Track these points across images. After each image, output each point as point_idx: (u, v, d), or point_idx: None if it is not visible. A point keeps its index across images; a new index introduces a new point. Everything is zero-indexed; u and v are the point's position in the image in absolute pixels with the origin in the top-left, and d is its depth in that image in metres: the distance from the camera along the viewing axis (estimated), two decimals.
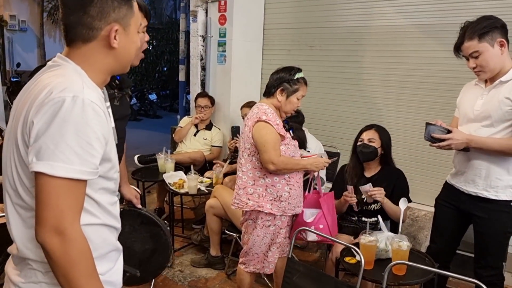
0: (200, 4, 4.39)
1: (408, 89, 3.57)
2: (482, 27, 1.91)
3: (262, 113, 2.20)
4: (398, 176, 2.56)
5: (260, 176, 2.23)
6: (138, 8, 1.56)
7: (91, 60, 1.05)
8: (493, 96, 1.97)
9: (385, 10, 3.61)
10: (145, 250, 1.94)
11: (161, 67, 12.39)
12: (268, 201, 2.23)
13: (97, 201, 1.05)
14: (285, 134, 2.23)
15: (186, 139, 4.11)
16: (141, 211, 1.96)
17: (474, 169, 2.03)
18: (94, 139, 0.95)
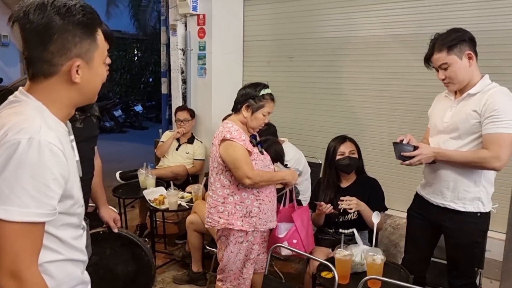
0: (179, 18, 4.40)
1: (386, 98, 3.61)
2: (451, 40, 1.95)
3: (226, 132, 2.21)
4: (373, 185, 2.59)
5: (229, 194, 2.24)
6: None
7: (53, 95, 1.04)
8: (461, 108, 2.00)
9: (363, 21, 3.65)
10: (128, 272, 1.94)
11: (147, 78, 12.36)
12: (238, 218, 2.24)
13: (60, 237, 1.04)
14: (252, 150, 2.24)
15: (168, 153, 4.10)
16: (121, 233, 1.95)
17: (442, 181, 2.06)
18: (51, 180, 0.94)
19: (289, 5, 4.09)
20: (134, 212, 4.29)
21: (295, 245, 2.37)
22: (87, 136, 1.71)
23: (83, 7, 1.03)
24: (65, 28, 1.00)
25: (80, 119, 1.68)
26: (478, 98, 1.94)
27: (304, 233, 2.37)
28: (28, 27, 0.98)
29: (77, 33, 1.02)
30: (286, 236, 2.32)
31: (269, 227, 2.32)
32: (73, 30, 1.01)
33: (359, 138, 3.46)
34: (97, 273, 1.87)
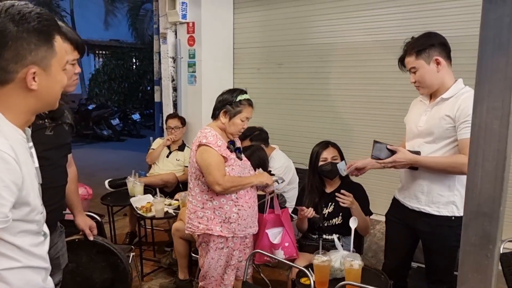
0: (169, 26, 4.44)
1: (373, 104, 3.62)
2: (419, 44, 1.96)
3: (202, 137, 2.23)
4: (357, 190, 2.59)
5: (208, 199, 2.24)
6: (68, 42, 1.59)
7: (10, 102, 1.04)
8: (435, 113, 2.00)
9: (349, 27, 3.68)
10: (104, 280, 1.94)
11: (144, 86, 12.42)
12: (217, 224, 2.24)
13: (17, 245, 1.03)
14: (228, 156, 2.25)
15: (159, 160, 4.11)
16: (96, 241, 1.94)
17: (416, 185, 2.06)
18: (2, 188, 0.94)
19: (278, 12, 4.13)
20: (126, 220, 4.28)
21: (287, 248, 2.38)
22: (57, 144, 1.71)
23: (39, 14, 1.02)
24: (19, 35, 0.99)
25: (50, 126, 1.68)
26: (452, 102, 1.94)
27: (292, 235, 2.38)
28: None
29: (32, 40, 1.01)
30: (281, 241, 2.33)
31: (249, 232, 2.32)
32: (28, 37, 1.00)
33: (347, 144, 3.48)
34: (74, 280, 1.88)
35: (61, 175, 1.75)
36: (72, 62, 1.63)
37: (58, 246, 1.79)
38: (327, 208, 2.57)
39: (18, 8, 1.00)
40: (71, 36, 1.61)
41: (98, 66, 13.29)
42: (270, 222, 2.41)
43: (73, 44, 1.61)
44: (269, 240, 2.37)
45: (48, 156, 1.62)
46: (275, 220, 2.41)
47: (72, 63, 1.64)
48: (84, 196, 3.60)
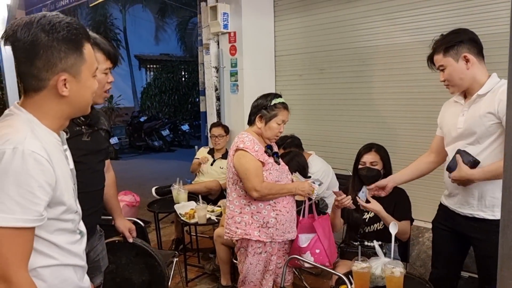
0: (212, 37, 4.54)
1: (419, 106, 3.48)
2: (447, 41, 1.87)
3: (240, 142, 2.24)
4: (399, 194, 2.49)
5: (246, 204, 2.24)
6: (101, 51, 1.66)
7: (44, 108, 1.09)
8: (474, 112, 1.88)
9: (392, 28, 3.58)
10: (142, 282, 1.98)
11: (193, 98, 12.75)
12: (255, 228, 2.23)
13: (54, 242, 1.08)
14: (266, 161, 2.23)
15: (203, 168, 4.19)
16: (135, 243, 1.99)
17: (466, 190, 1.93)
18: (36, 187, 0.98)
19: (319, 17, 4.10)
20: (173, 227, 4.39)
21: (318, 255, 2.32)
22: (94, 149, 1.76)
23: (68, 24, 1.07)
24: (50, 44, 1.04)
25: (87, 133, 1.73)
26: (490, 97, 1.82)
27: (327, 243, 2.32)
28: (17, 45, 1.05)
29: (62, 48, 1.06)
30: (309, 246, 2.28)
31: (287, 238, 2.30)
32: (58, 46, 1.05)
33: (391, 149, 3.35)
34: (114, 281, 1.94)
35: (98, 179, 1.80)
36: (105, 72, 1.69)
37: (97, 249, 1.84)
38: (368, 213, 2.50)
39: (48, 18, 1.06)
40: (103, 46, 1.68)
41: (149, 80, 13.85)
42: (304, 226, 2.37)
43: (105, 53, 1.68)
44: (298, 244, 2.34)
45: (85, 161, 1.69)
46: (309, 226, 2.37)
47: (105, 72, 1.70)
48: (132, 203, 3.74)
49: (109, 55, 1.70)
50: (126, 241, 2.00)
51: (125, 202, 3.63)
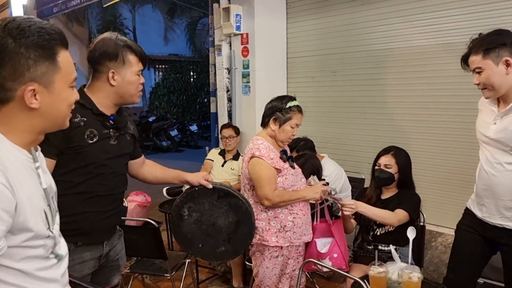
0: (224, 38, 4.54)
1: (434, 110, 3.45)
2: (488, 42, 1.76)
3: (255, 149, 2.22)
4: (408, 192, 2.51)
5: (263, 210, 2.23)
6: (134, 54, 1.67)
7: (12, 122, 0.98)
8: (507, 124, 1.81)
9: (407, 31, 3.56)
10: (229, 223, 1.93)
11: (202, 98, 12.78)
12: (272, 234, 2.22)
13: (22, 270, 0.98)
14: (282, 167, 2.22)
15: (214, 169, 4.19)
16: (215, 186, 1.91)
17: (497, 200, 1.88)
18: None
19: (332, 19, 4.08)
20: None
21: (336, 259, 2.31)
22: (119, 153, 1.76)
23: (40, 28, 0.97)
24: (17, 50, 0.94)
25: (114, 136, 1.73)
26: None
27: (343, 247, 2.32)
28: None
29: (30, 55, 0.95)
30: (329, 251, 2.27)
31: (304, 240, 2.29)
32: (26, 52, 0.95)
33: None
34: (201, 229, 1.92)
35: (121, 183, 1.79)
36: (137, 73, 1.72)
37: (117, 249, 1.85)
38: None
39: (18, 22, 0.96)
40: (135, 48, 1.70)
41: (158, 80, 13.88)
42: (320, 231, 2.36)
43: (138, 56, 1.71)
44: (317, 249, 2.33)
45: (110, 164, 1.70)
46: (325, 230, 2.36)
47: (138, 74, 1.72)
48: (143, 204, 3.75)
49: (141, 57, 1.72)
50: (206, 188, 1.89)
51: (137, 202, 3.64)
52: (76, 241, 1.66)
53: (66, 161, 1.61)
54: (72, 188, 1.64)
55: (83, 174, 1.64)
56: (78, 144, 1.60)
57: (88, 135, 1.63)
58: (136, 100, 1.79)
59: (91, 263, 1.72)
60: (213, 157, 4.29)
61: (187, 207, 1.91)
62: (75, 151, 1.60)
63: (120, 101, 1.73)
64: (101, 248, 1.75)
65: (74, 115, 1.57)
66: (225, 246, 1.93)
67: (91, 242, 1.71)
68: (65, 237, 1.63)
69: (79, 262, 1.67)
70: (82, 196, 1.65)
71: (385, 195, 2.55)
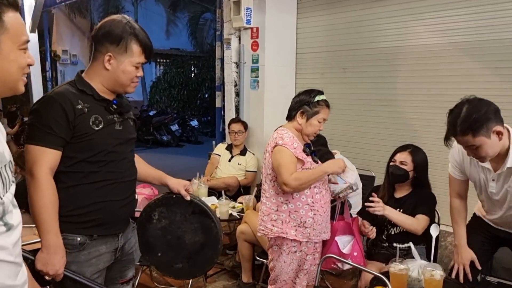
0: (233, 32, 4.50)
1: (445, 109, 3.41)
2: (474, 123, 1.74)
3: (279, 138, 2.20)
4: (424, 193, 2.48)
5: (283, 202, 2.20)
6: (138, 44, 1.58)
7: None
8: (504, 185, 1.87)
9: (419, 29, 3.54)
10: (195, 242, 1.82)
11: (203, 94, 12.72)
12: (292, 227, 2.19)
13: None
14: (305, 159, 2.19)
15: (221, 164, 4.16)
16: (193, 200, 1.81)
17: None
18: None
19: (343, 16, 4.06)
20: None
21: (356, 257, 2.28)
22: (126, 138, 1.70)
23: None
24: None
25: (119, 121, 1.67)
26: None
27: (361, 244, 2.30)
28: None
29: None
30: (350, 250, 2.25)
31: (323, 238, 2.26)
32: None
33: None
34: (165, 238, 1.82)
35: (131, 169, 1.74)
36: (136, 65, 1.62)
37: (131, 242, 1.80)
38: None
39: None
40: (142, 39, 1.60)
41: (159, 74, 13.80)
42: (340, 229, 2.32)
43: (142, 47, 1.61)
44: (338, 248, 2.29)
45: (119, 150, 1.65)
46: (345, 228, 2.33)
47: (136, 66, 1.62)
48: (151, 196, 3.70)
49: (145, 50, 1.62)
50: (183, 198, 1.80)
51: (144, 195, 3.60)
52: (91, 234, 1.62)
53: (74, 151, 1.55)
54: (83, 179, 1.58)
55: (94, 163, 1.58)
56: (84, 132, 1.54)
57: (94, 121, 1.56)
58: (129, 91, 1.69)
59: (107, 256, 1.68)
60: (220, 152, 4.27)
61: (158, 211, 1.82)
62: (82, 140, 1.54)
63: (114, 88, 1.65)
64: (117, 240, 1.71)
65: (75, 101, 1.54)
66: (183, 264, 1.82)
67: (106, 234, 1.66)
68: (80, 230, 1.60)
69: (95, 256, 1.63)
70: (95, 185, 1.60)
71: (398, 193, 2.53)
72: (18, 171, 3.02)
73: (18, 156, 2.99)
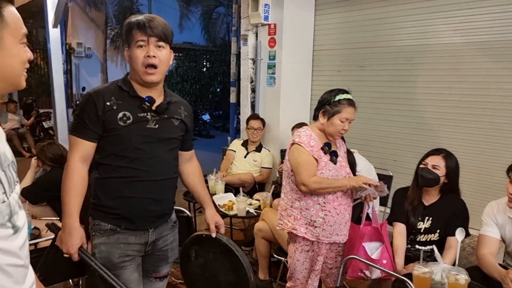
0: (251, 28, 4.49)
1: (465, 109, 3.40)
2: None
3: (296, 136, 2.22)
4: (458, 205, 2.39)
5: (296, 199, 2.22)
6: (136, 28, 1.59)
7: None
8: None
9: (440, 28, 3.49)
10: (228, 281, 1.83)
11: (214, 88, 12.70)
12: (302, 225, 2.20)
13: None
14: (320, 158, 2.18)
15: (236, 160, 4.16)
16: (221, 240, 1.82)
17: None
18: None
19: (361, 13, 4.03)
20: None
21: (385, 265, 2.20)
22: (160, 137, 1.69)
23: None
24: None
25: (154, 120, 1.67)
26: None
27: (391, 251, 2.24)
28: None
29: None
30: (381, 257, 2.18)
31: (335, 240, 2.23)
32: None
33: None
34: (204, 275, 1.87)
35: (167, 168, 1.74)
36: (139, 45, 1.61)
37: (167, 239, 1.82)
38: (423, 223, 2.41)
39: None
40: (136, 20, 1.63)
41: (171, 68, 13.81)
42: (368, 235, 2.25)
43: (136, 26, 1.61)
44: (366, 254, 2.21)
45: (147, 148, 1.66)
46: (372, 233, 2.26)
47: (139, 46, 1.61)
48: None
49: (138, 26, 1.59)
50: (214, 236, 1.83)
51: None
52: (119, 225, 1.68)
53: (104, 144, 1.64)
54: (112, 172, 1.65)
55: (120, 158, 1.64)
56: (112, 127, 1.61)
57: (121, 117, 1.61)
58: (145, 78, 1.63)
59: (136, 246, 1.72)
60: (235, 148, 4.27)
61: (194, 249, 1.87)
62: (111, 134, 1.62)
63: (136, 78, 1.65)
64: (147, 235, 1.73)
65: (108, 98, 1.61)
66: None
67: (133, 228, 1.70)
68: (109, 220, 1.67)
69: (123, 242, 1.69)
70: (121, 180, 1.65)
71: (427, 199, 2.45)
72: (40, 165, 3.06)
73: (40, 151, 3.04)
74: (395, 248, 2.32)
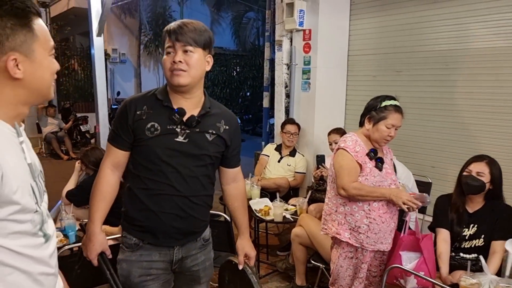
0: (285, 34, 4.51)
1: (506, 115, 3.32)
2: None
3: (342, 141, 2.24)
4: (504, 211, 2.34)
5: (341, 204, 2.22)
6: (165, 33, 1.56)
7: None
8: None
9: (481, 32, 3.42)
10: None
11: (244, 92, 12.79)
12: (346, 230, 2.20)
13: (8, 247, 0.93)
14: (365, 163, 2.17)
15: (270, 165, 4.19)
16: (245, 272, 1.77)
17: None
18: None
19: (397, 17, 3.99)
20: None
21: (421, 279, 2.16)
22: (189, 152, 1.60)
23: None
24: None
25: (184, 133, 1.58)
26: None
27: (431, 265, 2.20)
28: None
29: (7, 24, 0.93)
30: (415, 267, 2.14)
31: (379, 248, 2.22)
32: (2, 21, 0.92)
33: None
34: None
35: (192, 185, 1.63)
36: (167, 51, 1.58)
37: (198, 258, 1.74)
38: (468, 230, 2.37)
39: None
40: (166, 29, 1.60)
41: None
42: (407, 244, 2.22)
43: (166, 32, 1.59)
44: (401, 263, 2.19)
45: (172, 163, 1.58)
46: (412, 243, 2.22)
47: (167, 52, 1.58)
48: None
49: (168, 33, 1.55)
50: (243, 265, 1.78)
51: None
52: (143, 239, 1.64)
53: (135, 154, 1.62)
54: (140, 183, 1.61)
55: (146, 169, 1.60)
56: (139, 137, 1.58)
57: (149, 128, 1.56)
58: (173, 80, 1.55)
59: (160, 264, 1.66)
60: (268, 153, 4.29)
61: (227, 273, 1.87)
62: (139, 144, 1.59)
63: (169, 84, 1.60)
64: (172, 252, 1.67)
65: (140, 107, 1.58)
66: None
67: (157, 244, 1.64)
68: (134, 232, 1.64)
69: (146, 260, 1.64)
70: (147, 192, 1.60)
71: (471, 207, 2.41)
72: (83, 168, 3.18)
73: (83, 155, 3.15)
74: (439, 255, 2.29)
